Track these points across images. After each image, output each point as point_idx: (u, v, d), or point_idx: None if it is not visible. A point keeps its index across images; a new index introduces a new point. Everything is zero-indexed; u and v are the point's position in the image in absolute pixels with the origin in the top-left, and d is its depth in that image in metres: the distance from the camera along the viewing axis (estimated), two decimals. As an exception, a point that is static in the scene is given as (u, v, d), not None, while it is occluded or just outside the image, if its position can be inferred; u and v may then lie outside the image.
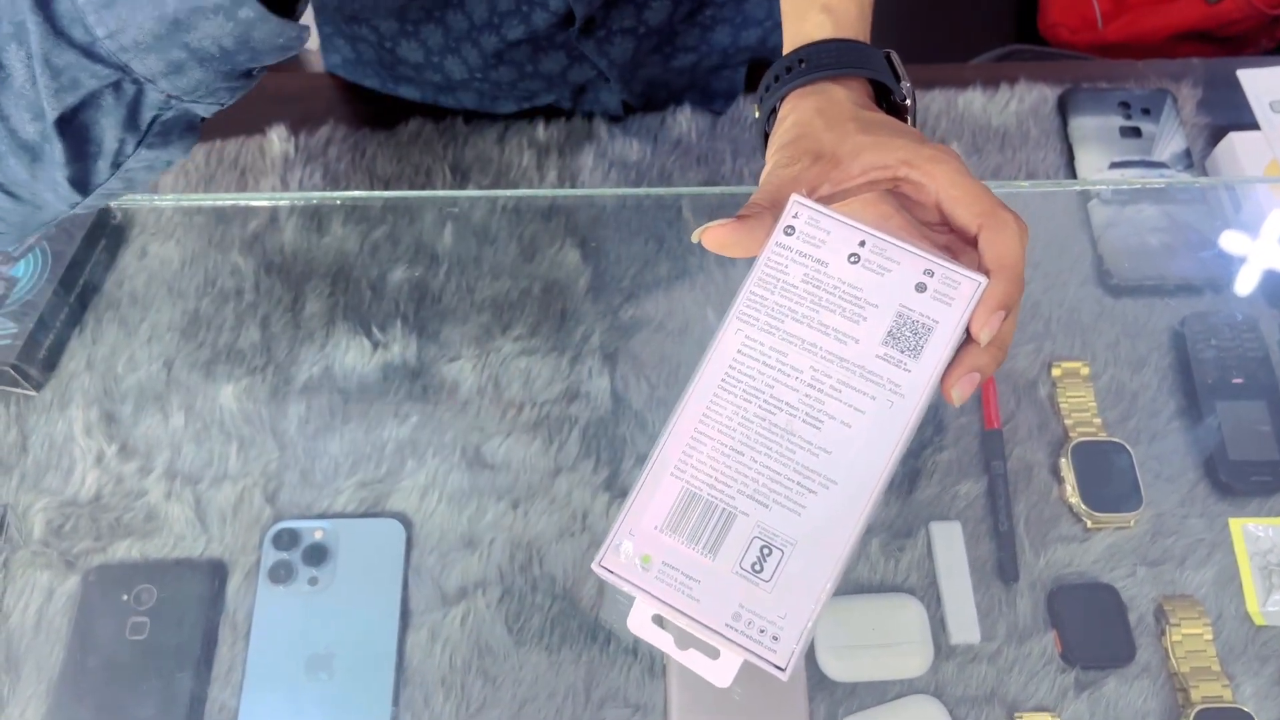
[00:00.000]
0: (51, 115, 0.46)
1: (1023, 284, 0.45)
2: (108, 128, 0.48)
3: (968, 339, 0.43)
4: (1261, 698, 0.65)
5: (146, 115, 0.48)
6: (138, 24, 0.44)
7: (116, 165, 0.50)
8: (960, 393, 0.43)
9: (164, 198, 0.81)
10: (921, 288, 0.43)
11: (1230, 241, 0.80)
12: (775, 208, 0.45)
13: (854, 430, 0.42)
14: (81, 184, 0.50)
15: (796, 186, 0.46)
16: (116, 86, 0.46)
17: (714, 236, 0.44)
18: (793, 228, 0.45)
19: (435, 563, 0.68)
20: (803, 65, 0.52)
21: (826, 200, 0.47)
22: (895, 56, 0.54)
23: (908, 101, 0.53)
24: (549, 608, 0.67)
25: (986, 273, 0.44)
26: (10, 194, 0.50)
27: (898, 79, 0.53)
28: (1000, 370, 0.75)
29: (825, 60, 0.52)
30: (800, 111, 0.51)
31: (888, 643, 0.65)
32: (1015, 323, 0.45)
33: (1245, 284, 0.79)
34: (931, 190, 0.46)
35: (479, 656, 0.65)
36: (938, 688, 0.65)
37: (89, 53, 0.45)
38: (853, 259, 0.44)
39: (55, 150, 0.48)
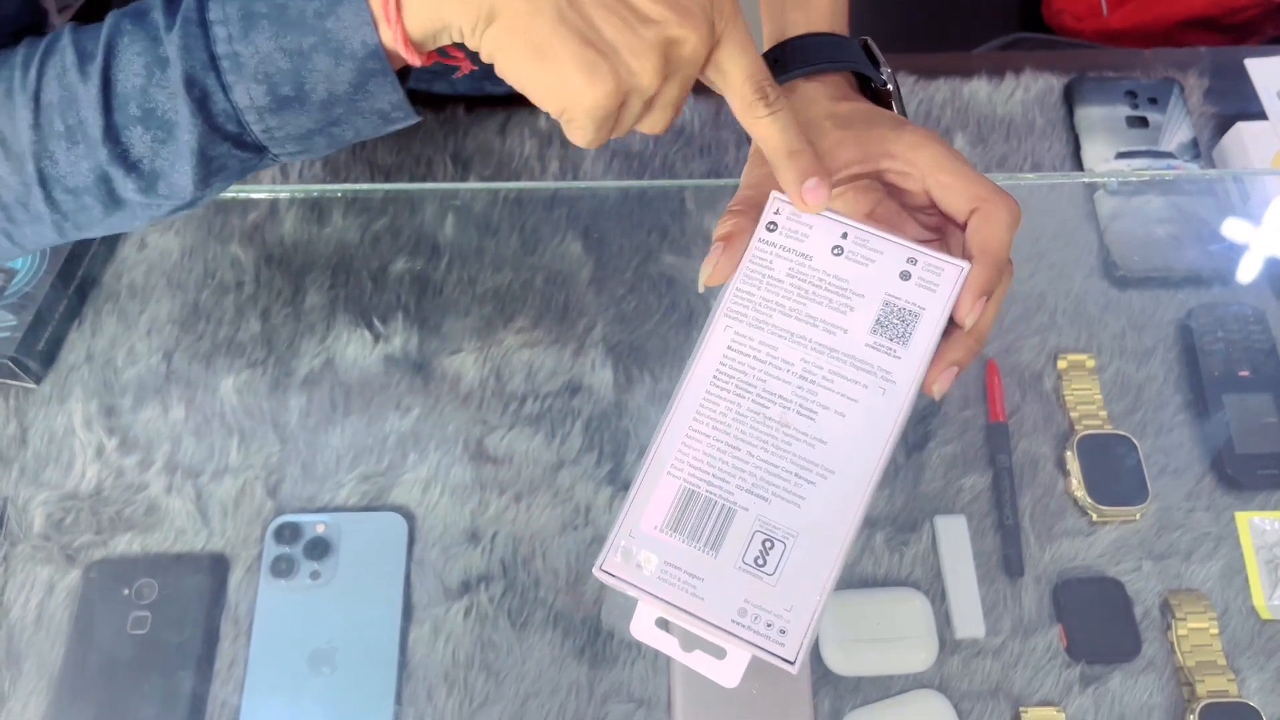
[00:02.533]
0: (190, 195, 0.49)
1: (1010, 268, 0.45)
2: (218, 188, 0.50)
3: (950, 326, 0.43)
4: (1267, 692, 0.64)
5: (248, 173, 0.51)
6: (298, 125, 0.46)
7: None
8: (940, 387, 0.44)
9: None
10: (906, 276, 0.44)
11: (1237, 232, 0.79)
12: (755, 211, 0.46)
13: (848, 419, 0.42)
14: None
15: (775, 184, 0.46)
16: (246, 161, 0.48)
17: (715, 278, 0.45)
18: (775, 224, 0.45)
19: (437, 557, 0.68)
20: (777, 65, 0.52)
21: None
22: (872, 44, 0.54)
23: (889, 86, 0.53)
24: (552, 602, 0.66)
25: (970, 258, 0.44)
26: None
27: (877, 66, 0.53)
28: (1005, 363, 0.74)
29: (798, 58, 0.52)
30: None
31: (892, 637, 0.65)
32: (996, 310, 0.45)
33: (1253, 275, 0.78)
34: (917, 177, 0.46)
35: (482, 651, 0.65)
36: (942, 682, 0.65)
37: (239, 142, 0.47)
38: (836, 251, 0.44)
39: (161, 210, 0.51)
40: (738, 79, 0.43)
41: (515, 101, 0.85)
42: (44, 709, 0.63)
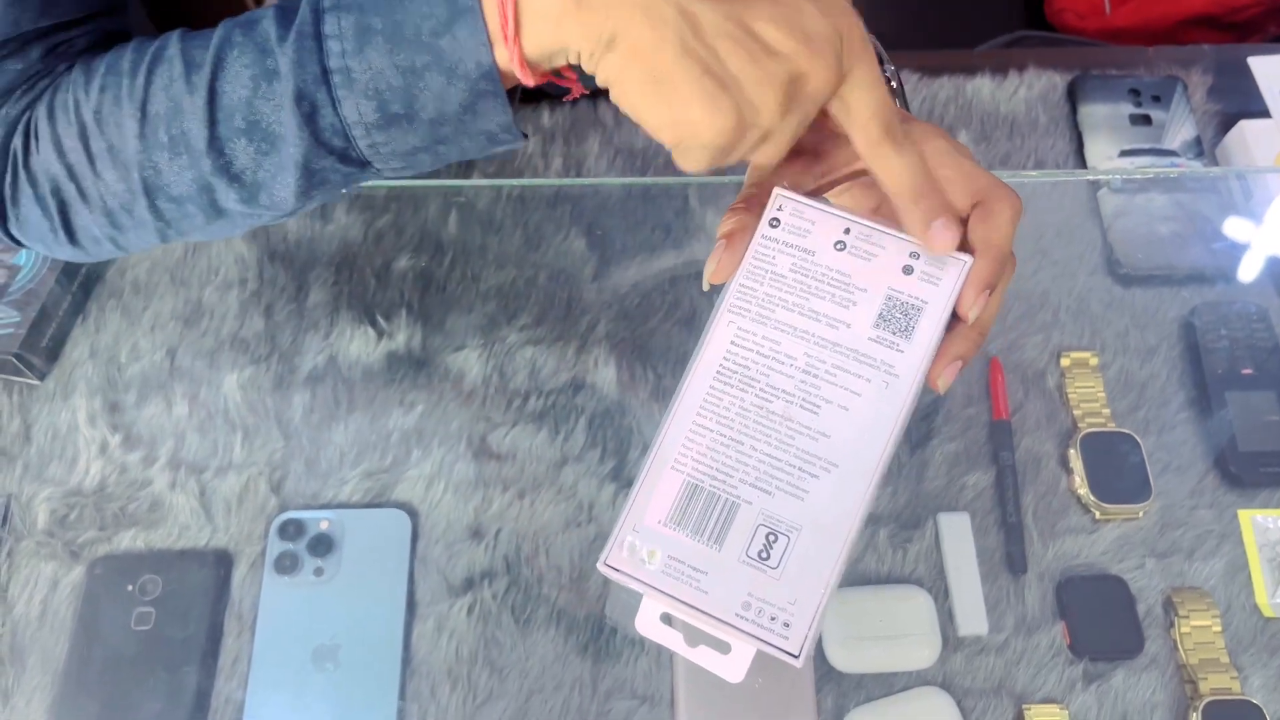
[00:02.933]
0: (291, 207, 0.48)
1: (1012, 262, 0.45)
2: (319, 199, 0.50)
3: (954, 320, 0.44)
4: (1270, 689, 0.64)
5: (350, 186, 0.51)
6: (404, 142, 0.45)
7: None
8: (945, 381, 0.44)
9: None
10: (909, 270, 0.44)
11: (1241, 230, 0.79)
12: (758, 207, 0.46)
13: (852, 413, 0.42)
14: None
15: (778, 181, 0.46)
16: (350, 175, 0.48)
17: (719, 276, 0.45)
18: (777, 220, 0.45)
19: (441, 553, 0.68)
20: None
21: (813, 193, 0.47)
22: (877, 43, 0.54)
23: (893, 84, 0.53)
24: (555, 599, 0.66)
25: (972, 252, 0.44)
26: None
27: (882, 64, 0.53)
28: (1008, 360, 0.74)
29: None
30: None
31: (895, 634, 0.65)
32: (999, 303, 0.45)
33: (1256, 273, 0.78)
34: None
35: (485, 648, 0.65)
36: (946, 679, 0.64)
37: (343, 157, 0.46)
38: (839, 246, 0.44)
39: (262, 219, 0.50)
40: (864, 116, 0.42)
41: (518, 99, 0.85)
42: (48, 705, 0.63)
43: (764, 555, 0.40)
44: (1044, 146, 0.85)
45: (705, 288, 0.45)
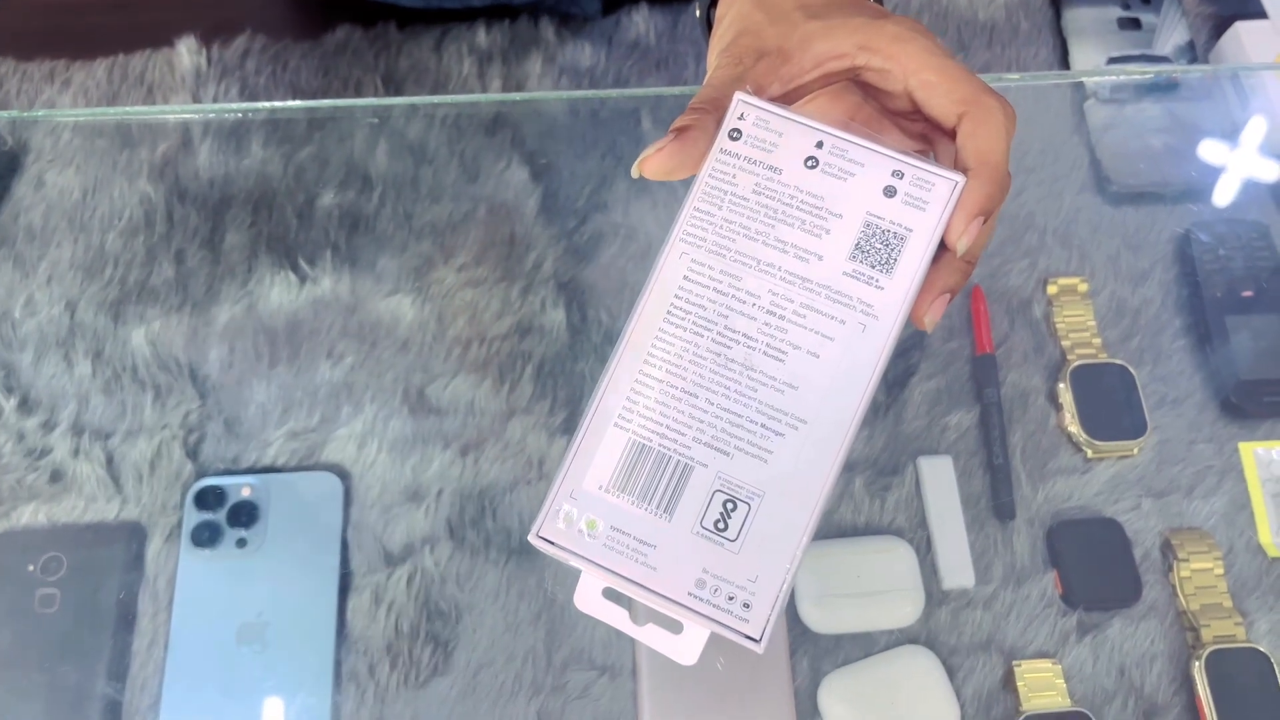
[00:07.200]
0: None
1: (1008, 182, 0.39)
2: None
3: (940, 249, 0.38)
4: (1277, 635, 0.61)
5: None
6: None
7: None
8: (932, 318, 0.38)
9: (62, 113, 0.73)
10: (891, 192, 0.38)
11: (1238, 142, 0.74)
12: (718, 112, 0.39)
13: (823, 360, 0.37)
14: None
15: (741, 86, 0.40)
16: None
17: (654, 165, 0.38)
18: (739, 131, 0.39)
19: (377, 519, 0.63)
20: None
21: (779, 101, 0.41)
22: None
23: None
24: (504, 564, 0.62)
25: (964, 170, 0.38)
26: None
27: None
28: (991, 289, 0.70)
29: None
30: (739, 5, 0.44)
31: (874, 590, 0.61)
32: (992, 230, 0.40)
33: (1254, 187, 0.73)
34: (899, 76, 0.40)
35: (428, 620, 0.61)
36: (930, 637, 0.61)
37: None
38: (810, 163, 0.39)
39: None
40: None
41: (452, 16, 0.77)
42: (-56, 699, 0.58)
43: (721, 526, 0.35)
44: (1026, 55, 0.80)
45: (634, 174, 0.39)
